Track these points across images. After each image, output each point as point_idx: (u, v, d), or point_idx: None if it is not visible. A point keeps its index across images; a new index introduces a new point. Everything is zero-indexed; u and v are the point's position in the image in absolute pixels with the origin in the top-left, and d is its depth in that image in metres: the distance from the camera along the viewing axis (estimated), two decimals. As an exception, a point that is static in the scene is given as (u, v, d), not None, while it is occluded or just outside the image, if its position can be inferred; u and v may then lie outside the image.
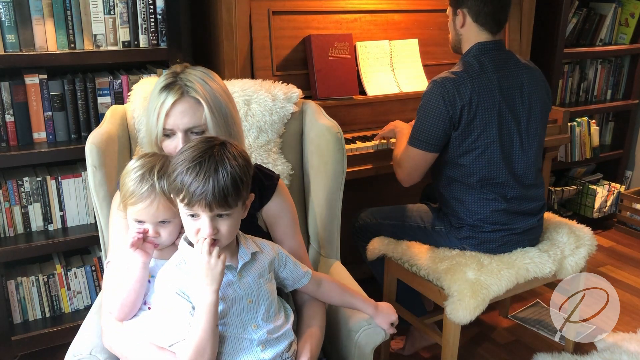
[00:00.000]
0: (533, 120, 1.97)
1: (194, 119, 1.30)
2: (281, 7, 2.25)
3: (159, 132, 1.31)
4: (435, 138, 1.90)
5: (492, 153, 1.91)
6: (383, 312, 1.43)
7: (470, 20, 1.95)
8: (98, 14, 2.01)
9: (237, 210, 1.18)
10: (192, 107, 1.30)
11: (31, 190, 2.06)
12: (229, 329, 1.23)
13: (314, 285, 1.39)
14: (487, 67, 1.91)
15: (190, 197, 1.13)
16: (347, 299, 1.43)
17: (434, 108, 1.87)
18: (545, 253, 2.01)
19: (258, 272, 1.27)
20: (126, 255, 1.27)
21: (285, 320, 1.31)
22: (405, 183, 2.05)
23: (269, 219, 1.46)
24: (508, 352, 2.37)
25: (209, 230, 1.15)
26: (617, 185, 3.48)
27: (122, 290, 1.26)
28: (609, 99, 3.52)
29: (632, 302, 2.74)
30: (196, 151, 1.15)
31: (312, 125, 1.81)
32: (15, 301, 2.12)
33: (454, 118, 1.87)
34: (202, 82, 1.32)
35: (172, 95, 1.29)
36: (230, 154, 1.16)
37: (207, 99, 1.31)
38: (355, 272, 1.75)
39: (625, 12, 3.37)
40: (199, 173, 1.12)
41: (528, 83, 1.96)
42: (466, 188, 1.96)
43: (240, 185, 1.16)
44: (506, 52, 1.99)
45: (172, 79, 1.32)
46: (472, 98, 1.86)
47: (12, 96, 1.98)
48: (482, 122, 1.88)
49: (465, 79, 1.87)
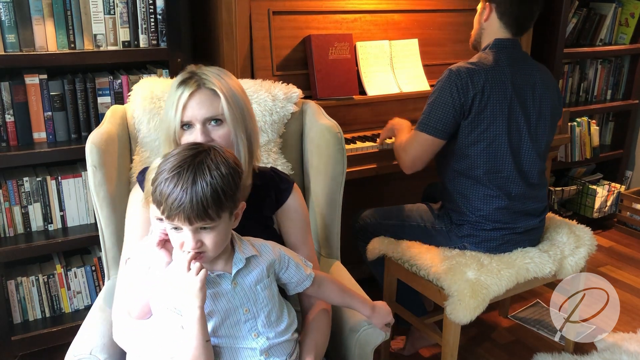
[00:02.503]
0: (542, 121, 1.98)
1: (211, 109, 1.31)
2: (281, 7, 2.25)
3: (177, 125, 1.31)
4: (444, 124, 1.91)
5: (499, 145, 1.92)
6: (379, 313, 1.43)
7: (495, 17, 1.98)
8: (98, 14, 2.01)
9: (221, 222, 1.12)
10: (209, 97, 1.31)
11: (31, 190, 2.06)
12: (226, 341, 1.19)
13: (315, 286, 1.35)
14: (502, 61, 1.94)
15: (169, 209, 1.07)
16: (345, 299, 1.42)
17: (447, 94, 1.89)
18: (545, 253, 2.01)
19: (255, 278, 1.22)
20: (149, 254, 1.25)
21: (289, 324, 1.28)
22: (408, 170, 2.04)
23: (282, 222, 1.46)
24: (508, 352, 2.37)
25: (192, 244, 1.10)
26: (617, 185, 3.48)
27: (142, 291, 1.24)
28: (609, 99, 3.52)
29: (632, 302, 2.74)
30: (177, 160, 1.10)
31: (312, 125, 1.81)
32: (15, 301, 2.12)
33: (465, 106, 1.89)
34: (217, 77, 1.34)
35: (188, 88, 1.30)
36: (213, 162, 1.10)
37: (224, 90, 1.32)
38: (355, 272, 1.74)
39: (625, 12, 3.37)
40: (177, 184, 1.07)
41: (540, 84, 1.98)
42: (471, 183, 1.96)
43: (222, 197, 1.09)
44: (522, 53, 2.02)
45: (188, 74, 1.34)
46: (484, 88, 1.88)
47: (12, 96, 1.98)
48: (493, 113, 1.90)
49: (479, 70, 1.90)
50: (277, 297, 1.28)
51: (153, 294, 1.20)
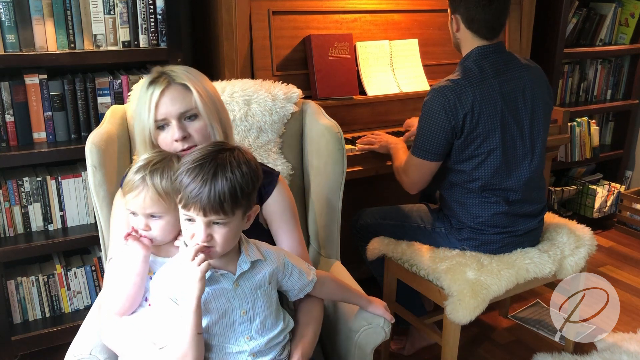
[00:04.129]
0: (536, 123, 1.95)
1: (184, 103, 1.31)
2: (281, 7, 2.25)
3: (151, 125, 1.32)
4: (437, 147, 1.89)
5: (494, 160, 1.89)
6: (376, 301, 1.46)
7: (464, 27, 1.92)
8: (98, 14, 2.01)
9: (234, 219, 1.14)
10: (181, 93, 1.32)
11: (31, 190, 2.06)
12: (218, 339, 1.20)
13: (316, 288, 1.37)
14: (488, 72, 1.88)
15: (186, 198, 1.11)
16: (345, 295, 1.45)
17: (436, 119, 1.85)
18: (545, 253, 2.01)
19: (256, 283, 1.23)
20: (126, 249, 1.26)
21: (282, 329, 1.28)
22: (412, 190, 2.04)
23: (269, 216, 1.46)
24: (508, 352, 2.37)
25: (202, 236, 1.12)
26: (617, 185, 3.48)
27: (123, 284, 1.26)
28: (609, 99, 3.52)
29: (632, 302, 2.74)
30: (200, 153, 1.14)
31: (312, 125, 1.81)
32: (15, 301, 2.12)
33: (457, 128, 1.85)
34: (186, 72, 1.35)
35: (159, 86, 1.31)
36: (236, 160, 1.14)
37: (194, 83, 1.33)
38: (355, 272, 1.74)
39: (625, 12, 3.37)
40: (197, 175, 1.10)
41: (530, 85, 1.94)
42: (467, 192, 1.95)
43: (240, 194, 1.12)
44: (507, 55, 1.95)
45: (157, 74, 1.34)
46: (474, 106, 1.83)
47: (12, 96, 1.98)
48: (485, 130, 1.86)
49: (466, 87, 1.84)
50: (276, 304, 1.29)
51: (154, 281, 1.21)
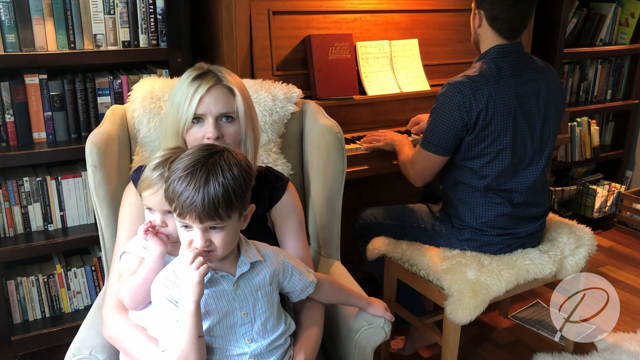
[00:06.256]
0: (547, 126, 1.95)
1: (226, 105, 1.34)
2: (281, 7, 2.25)
3: (188, 118, 1.32)
4: (448, 142, 1.89)
5: (503, 159, 1.89)
6: (376, 302, 1.47)
7: (487, 24, 1.92)
8: (98, 14, 2.01)
9: (231, 222, 1.14)
10: (225, 94, 1.34)
11: (31, 190, 2.06)
12: (219, 341, 1.20)
13: (317, 291, 1.37)
14: (505, 71, 1.88)
15: (180, 207, 1.10)
16: (344, 297, 1.45)
17: (449, 113, 1.85)
18: (545, 254, 2.00)
19: (257, 284, 1.23)
20: (142, 244, 1.26)
21: (284, 331, 1.28)
22: (417, 183, 2.04)
23: (276, 220, 1.47)
24: (508, 352, 2.37)
25: (201, 242, 1.11)
26: (617, 185, 3.48)
27: (136, 279, 1.25)
28: (609, 99, 3.52)
29: (632, 302, 2.74)
30: (191, 160, 1.13)
31: (312, 125, 1.81)
32: (15, 301, 2.12)
33: (469, 124, 1.85)
34: (231, 75, 1.38)
35: (206, 82, 1.33)
36: (226, 163, 1.13)
37: (240, 88, 1.37)
38: (355, 272, 1.74)
39: (625, 12, 3.37)
40: (190, 183, 1.09)
41: (545, 89, 1.93)
42: (472, 191, 1.95)
43: (233, 197, 1.11)
44: (525, 56, 1.95)
45: (202, 70, 1.36)
46: (488, 104, 1.83)
47: (12, 96, 1.98)
48: (497, 129, 1.86)
49: (482, 84, 1.84)
50: (277, 306, 1.28)
51: (155, 282, 1.21)
